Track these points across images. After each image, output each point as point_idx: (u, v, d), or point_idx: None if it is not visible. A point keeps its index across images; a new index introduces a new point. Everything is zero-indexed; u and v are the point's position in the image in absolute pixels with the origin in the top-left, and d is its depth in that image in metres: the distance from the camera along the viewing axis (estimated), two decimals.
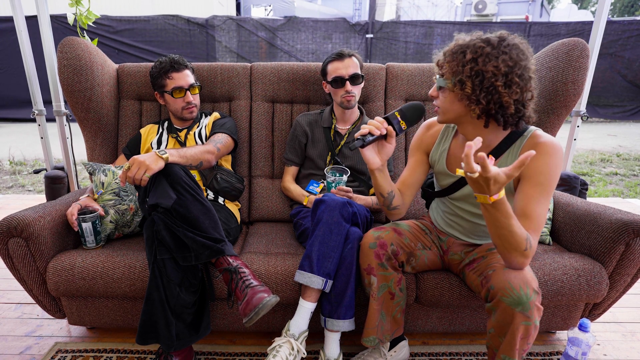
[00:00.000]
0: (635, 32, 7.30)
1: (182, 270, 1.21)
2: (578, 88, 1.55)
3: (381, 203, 1.24)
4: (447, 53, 1.04)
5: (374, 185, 1.20)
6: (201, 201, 1.25)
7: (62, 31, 6.65)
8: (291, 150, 1.73)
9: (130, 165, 1.15)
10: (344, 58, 1.57)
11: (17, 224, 1.23)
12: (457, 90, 1.01)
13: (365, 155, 1.12)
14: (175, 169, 1.23)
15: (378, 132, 1.07)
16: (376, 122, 1.08)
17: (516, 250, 0.95)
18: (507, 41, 0.98)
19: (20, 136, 6.08)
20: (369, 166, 1.14)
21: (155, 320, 1.18)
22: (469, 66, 0.97)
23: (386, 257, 1.19)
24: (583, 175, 4.30)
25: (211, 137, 1.58)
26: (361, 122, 1.68)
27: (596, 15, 1.96)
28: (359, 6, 16.90)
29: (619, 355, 1.43)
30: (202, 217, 1.23)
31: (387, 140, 1.11)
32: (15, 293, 1.78)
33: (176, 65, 1.58)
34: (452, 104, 1.06)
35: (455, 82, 1.00)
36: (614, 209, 1.34)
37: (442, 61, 1.05)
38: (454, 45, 1.03)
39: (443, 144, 1.24)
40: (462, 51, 0.99)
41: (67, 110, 1.98)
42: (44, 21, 1.86)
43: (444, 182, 1.24)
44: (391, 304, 1.21)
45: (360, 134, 1.07)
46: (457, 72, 1.00)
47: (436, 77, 1.08)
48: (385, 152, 1.12)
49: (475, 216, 1.22)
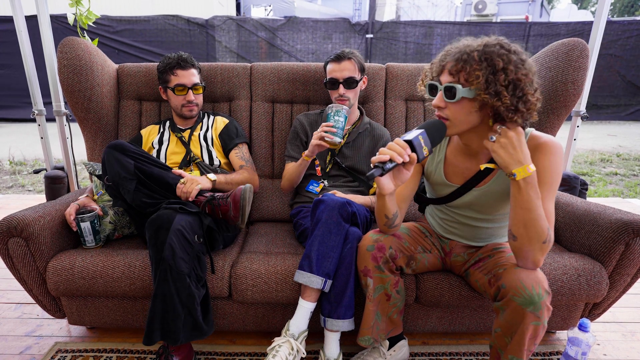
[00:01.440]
0: (635, 32, 7.31)
1: (190, 260, 1.19)
2: (578, 88, 1.55)
3: (382, 223, 1.17)
4: (465, 60, 0.94)
5: (380, 208, 1.12)
6: (154, 160, 1.35)
7: (62, 31, 6.65)
8: (292, 147, 1.71)
9: (185, 182, 1.34)
10: (341, 60, 1.56)
11: (17, 223, 1.23)
12: (491, 101, 0.93)
13: (380, 182, 1.01)
14: (122, 144, 1.31)
15: (400, 159, 0.94)
16: (398, 148, 0.95)
17: (538, 241, 0.93)
18: (515, 47, 0.96)
19: (20, 136, 6.08)
20: (382, 192, 1.04)
21: (164, 316, 1.15)
22: (502, 75, 0.91)
23: (383, 260, 1.18)
24: (583, 175, 4.30)
25: (235, 151, 1.67)
26: (361, 123, 1.68)
27: (596, 15, 1.96)
28: (359, 6, 16.89)
29: (619, 355, 1.43)
30: (164, 174, 1.34)
31: (406, 167, 0.99)
32: (15, 293, 1.78)
33: (182, 63, 1.59)
34: (469, 114, 0.98)
35: (489, 92, 0.92)
36: (614, 209, 1.34)
37: (457, 68, 0.96)
38: (470, 50, 0.94)
39: (438, 155, 1.21)
40: (486, 58, 0.92)
41: (67, 110, 1.98)
42: (44, 21, 1.87)
43: (443, 192, 1.21)
44: (387, 305, 1.21)
45: (378, 160, 0.94)
46: (489, 81, 0.92)
47: (443, 84, 0.99)
48: (401, 178, 1.02)
49: (477, 221, 1.20)
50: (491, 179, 1.11)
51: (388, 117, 1.85)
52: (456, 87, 0.95)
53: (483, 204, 1.15)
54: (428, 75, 1.08)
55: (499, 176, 1.10)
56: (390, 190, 1.04)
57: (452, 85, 0.96)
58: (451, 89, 0.97)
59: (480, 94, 0.93)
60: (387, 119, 1.85)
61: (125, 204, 1.36)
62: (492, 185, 1.11)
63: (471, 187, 1.13)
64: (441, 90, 0.99)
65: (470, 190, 1.14)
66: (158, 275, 1.16)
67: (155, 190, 1.32)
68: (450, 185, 1.18)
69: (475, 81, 0.93)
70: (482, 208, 1.16)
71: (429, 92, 1.06)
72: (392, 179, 1.03)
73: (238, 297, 1.32)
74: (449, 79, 0.98)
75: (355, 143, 1.66)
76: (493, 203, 1.13)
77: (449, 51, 1.00)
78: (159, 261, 1.16)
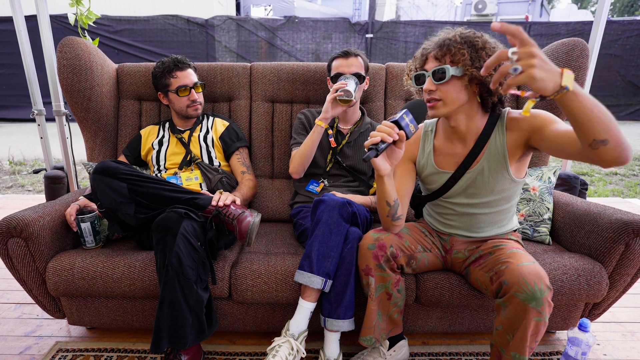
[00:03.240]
0: (635, 32, 7.31)
1: (195, 267, 1.19)
2: None
3: (385, 214, 1.18)
4: (447, 44, 1.05)
5: (380, 193, 1.14)
6: (146, 177, 1.28)
7: (61, 31, 6.66)
8: (300, 136, 1.67)
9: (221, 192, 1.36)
10: (348, 56, 1.57)
11: (17, 224, 1.23)
12: (478, 74, 1.02)
13: (377, 163, 1.06)
14: (109, 167, 1.23)
15: (390, 139, 1.00)
16: (386, 129, 1.01)
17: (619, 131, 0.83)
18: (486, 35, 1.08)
19: (20, 136, 6.08)
20: (379, 173, 1.09)
21: (172, 323, 1.15)
22: (483, 52, 1.03)
23: (385, 258, 1.18)
24: (583, 175, 4.30)
25: (237, 156, 1.69)
26: (362, 123, 1.68)
27: (596, 15, 1.96)
28: (358, 6, 16.89)
29: (619, 355, 1.43)
30: (160, 188, 1.28)
31: (397, 145, 1.05)
32: (15, 293, 1.78)
33: (180, 64, 1.59)
34: (459, 92, 1.07)
35: (476, 67, 1.02)
36: (614, 209, 1.34)
37: (441, 53, 1.06)
38: (450, 37, 1.06)
39: (427, 147, 1.25)
40: (466, 41, 1.04)
41: (67, 110, 1.98)
42: (44, 21, 1.86)
43: (438, 182, 1.24)
44: (388, 304, 1.21)
45: (371, 143, 1.00)
46: (474, 58, 1.02)
47: (430, 70, 1.08)
48: (394, 156, 1.07)
49: (474, 207, 1.21)
50: (481, 157, 1.15)
51: (388, 117, 1.84)
52: (445, 68, 1.05)
53: (477, 186, 1.17)
54: (412, 70, 1.17)
55: (488, 153, 1.14)
56: (387, 171, 1.09)
57: (441, 67, 1.06)
58: (441, 71, 1.06)
59: (469, 69, 1.03)
60: (387, 119, 1.84)
61: (121, 227, 1.32)
62: (483, 163, 1.15)
63: (464, 171, 1.17)
64: (429, 76, 1.08)
65: (464, 175, 1.18)
66: (165, 281, 1.15)
67: (154, 208, 1.27)
68: (444, 172, 1.21)
69: (461, 59, 1.03)
70: (477, 191, 1.18)
71: (416, 83, 1.15)
72: (387, 159, 1.08)
73: (238, 297, 1.32)
74: (435, 64, 1.07)
75: (357, 143, 1.66)
76: (487, 183, 1.16)
77: (428, 45, 1.12)
78: (166, 267, 1.15)
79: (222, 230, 1.33)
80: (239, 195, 1.51)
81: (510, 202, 1.22)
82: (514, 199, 1.22)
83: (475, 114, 1.13)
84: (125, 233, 1.40)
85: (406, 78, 1.20)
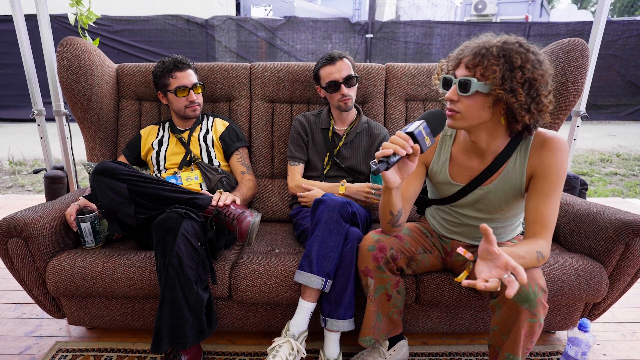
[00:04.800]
0: (635, 32, 7.31)
1: (195, 267, 1.19)
2: (578, 88, 1.55)
3: (386, 221, 1.15)
4: (483, 54, 0.95)
5: (385, 203, 1.10)
6: (145, 177, 1.28)
7: (61, 31, 6.66)
8: (296, 147, 1.68)
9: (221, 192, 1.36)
10: (335, 61, 1.54)
11: (17, 224, 1.23)
12: (506, 97, 0.94)
13: (387, 176, 1.00)
14: (109, 167, 1.22)
15: (404, 152, 0.93)
16: (400, 141, 0.93)
17: (533, 267, 1.01)
18: (534, 48, 0.97)
19: (20, 136, 6.08)
20: (388, 185, 1.03)
21: (172, 323, 1.15)
22: (520, 73, 0.92)
23: (384, 260, 1.18)
24: (583, 175, 4.30)
25: (237, 156, 1.69)
26: (359, 122, 1.68)
27: (596, 15, 1.96)
28: (358, 6, 16.89)
29: (619, 355, 1.43)
30: (160, 188, 1.27)
31: (410, 158, 0.98)
32: (15, 293, 1.78)
33: (179, 65, 1.59)
34: (481, 110, 0.98)
35: (505, 88, 0.93)
36: (614, 209, 1.34)
37: (473, 62, 0.96)
38: (489, 46, 0.95)
39: (443, 154, 1.20)
40: (504, 54, 0.93)
41: (67, 110, 1.98)
42: (44, 21, 1.86)
43: (447, 192, 1.21)
44: (387, 305, 1.21)
45: (383, 155, 0.93)
46: (506, 78, 0.92)
47: (458, 77, 0.99)
48: (406, 170, 1.01)
49: (481, 221, 1.20)
50: (497, 177, 1.11)
51: (388, 117, 1.84)
52: (471, 81, 0.96)
53: (487, 203, 1.15)
54: (444, 69, 1.07)
55: (504, 175, 1.10)
56: (397, 184, 1.03)
57: (467, 78, 0.96)
58: (466, 83, 0.97)
59: (496, 90, 0.94)
60: (387, 119, 1.85)
61: (121, 227, 1.32)
62: (497, 184, 1.11)
63: (476, 187, 1.14)
64: (455, 84, 0.99)
65: (475, 190, 1.14)
66: (165, 282, 1.15)
67: (154, 208, 1.27)
68: (455, 184, 1.18)
69: (491, 76, 0.93)
70: (486, 207, 1.16)
71: (443, 86, 1.05)
72: (398, 172, 1.02)
73: (238, 297, 1.32)
74: (465, 73, 0.98)
75: (354, 143, 1.66)
76: (498, 202, 1.13)
77: (468, 45, 1.00)
78: (166, 268, 1.15)
79: (222, 230, 1.32)
80: (238, 195, 1.51)
81: (518, 216, 1.21)
82: (522, 214, 1.20)
83: (499, 134, 1.05)
84: (125, 233, 1.40)
85: (435, 77, 1.10)
